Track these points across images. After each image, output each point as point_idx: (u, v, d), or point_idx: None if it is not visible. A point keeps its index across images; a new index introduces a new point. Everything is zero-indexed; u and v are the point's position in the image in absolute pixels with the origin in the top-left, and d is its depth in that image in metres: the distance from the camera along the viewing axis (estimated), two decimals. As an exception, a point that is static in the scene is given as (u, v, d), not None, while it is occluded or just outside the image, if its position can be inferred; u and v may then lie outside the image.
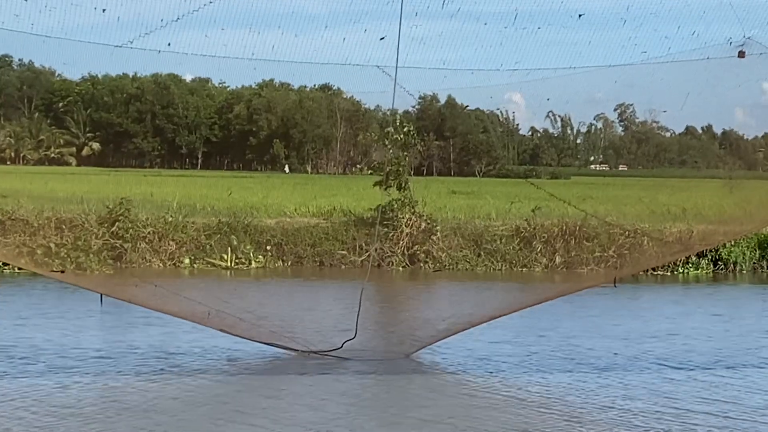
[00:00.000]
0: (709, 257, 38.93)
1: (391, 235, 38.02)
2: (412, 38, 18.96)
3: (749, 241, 39.13)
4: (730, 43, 17.36)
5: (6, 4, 16.24)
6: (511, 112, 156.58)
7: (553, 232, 38.44)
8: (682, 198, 49.05)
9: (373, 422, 15.35)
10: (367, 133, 79.52)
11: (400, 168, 39.81)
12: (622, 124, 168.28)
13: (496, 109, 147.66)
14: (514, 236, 38.82)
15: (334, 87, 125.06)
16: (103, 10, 16.69)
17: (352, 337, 19.39)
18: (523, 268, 38.00)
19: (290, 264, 37.75)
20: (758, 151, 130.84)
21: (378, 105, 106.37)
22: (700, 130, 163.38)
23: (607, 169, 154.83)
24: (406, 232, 38.16)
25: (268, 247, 37.79)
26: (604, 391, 17.51)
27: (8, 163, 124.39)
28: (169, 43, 17.75)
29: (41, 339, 21.76)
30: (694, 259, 38.37)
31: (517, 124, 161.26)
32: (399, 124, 41.91)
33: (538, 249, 38.28)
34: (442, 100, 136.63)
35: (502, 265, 38.13)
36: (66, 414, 15.39)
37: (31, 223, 35.17)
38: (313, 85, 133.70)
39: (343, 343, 19.46)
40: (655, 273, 37.41)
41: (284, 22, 18.24)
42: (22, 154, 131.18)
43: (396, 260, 37.84)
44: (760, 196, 21.53)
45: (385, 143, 40.74)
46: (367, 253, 37.55)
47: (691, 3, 18.14)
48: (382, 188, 39.36)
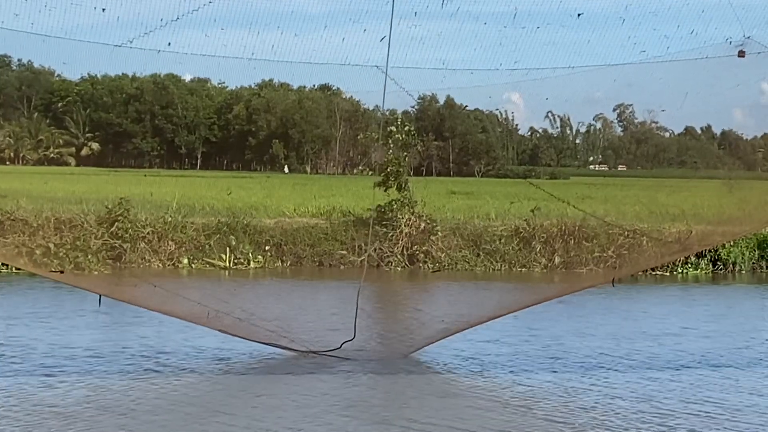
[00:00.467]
0: (709, 257, 38.95)
1: (390, 235, 38.02)
2: (412, 38, 18.97)
3: (748, 242, 39.16)
4: (730, 42, 17.36)
5: (5, 4, 16.23)
6: (510, 112, 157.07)
7: (552, 233, 38.45)
8: (681, 198, 49.15)
9: (355, 422, 15.30)
10: (367, 133, 79.38)
11: (400, 168, 39.85)
12: (621, 124, 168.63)
13: (495, 110, 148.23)
14: (513, 236, 38.84)
15: (334, 87, 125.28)
16: (103, 10, 16.67)
17: (351, 338, 19.39)
18: (523, 269, 38.00)
19: (289, 264, 37.74)
20: (758, 151, 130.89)
21: (376, 105, 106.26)
22: (699, 131, 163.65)
23: (606, 169, 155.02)
24: (406, 233, 38.16)
25: (267, 248, 37.79)
26: (589, 392, 17.52)
27: (7, 163, 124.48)
28: (169, 42, 17.74)
29: (32, 338, 21.74)
30: (693, 259, 38.37)
31: (516, 124, 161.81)
32: (400, 124, 41.94)
33: (538, 249, 38.30)
34: (441, 101, 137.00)
35: (501, 265, 38.14)
36: (49, 413, 15.37)
37: (31, 223, 35.11)
38: (313, 86, 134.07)
39: (342, 343, 19.46)
40: (654, 273, 37.43)
41: (284, 22, 18.21)
42: (21, 154, 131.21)
43: (395, 260, 37.84)
44: (759, 197, 21.52)
45: (388, 143, 40.67)
46: (366, 254, 37.55)
47: (691, 2, 18.13)
48: (382, 189, 39.39)
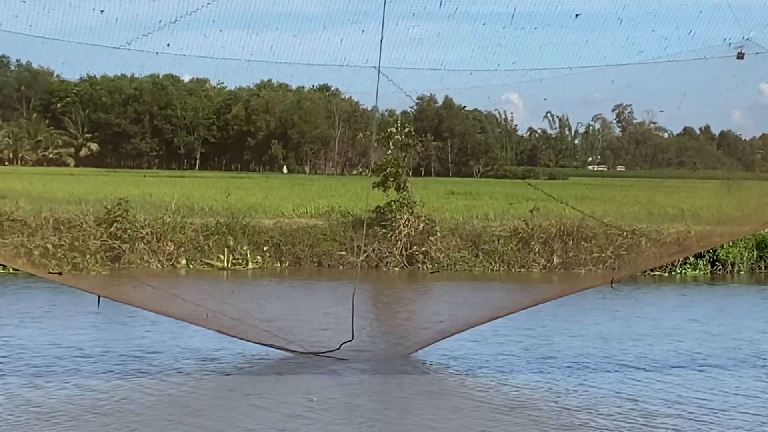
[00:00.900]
0: (707, 258, 38.95)
1: (389, 235, 38.03)
2: (410, 39, 18.97)
3: (747, 242, 39.17)
4: (729, 44, 17.37)
5: (4, 5, 16.25)
6: (509, 113, 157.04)
7: (551, 233, 38.44)
8: (680, 199, 49.21)
9: (339, 421, 15.27)
10: (366, 133, 79.37)
11: (399, 169, 39.87)
12: (619, 124, 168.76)
13: (494, 110, 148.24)
14: (512, 237, 38.83)
15: (333, 88, 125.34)
16: (101, 12, 16.69)
17: (350, 339, 19.38)
18: (521, 269, 38.01)
19: (288, 264, 37.73)
20: (757, 152, 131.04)
21: (374, 106, 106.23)
22: (697, 131, 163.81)
23: (605, 169, 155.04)
24: (405, 233, 38.16)
25: (265, 248, 37.78)
26: (574, 392, 17.55)
27: (6, 163, 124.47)
28: (168, 44, 17.73)
29: (22, 338, 21.72)
30: (692, 260, 38.37)
31: (515, 125, 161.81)
32: (400, 125, 41.93)
33: (536, 249, 38.29)
34: (440, 101, 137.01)
35: (500, 265, 38.13)
36: (33, 412, 15.35)
37: (29, 224, 35.06)
38: (312, 86, 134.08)
39: (341, 344, 19.46)
40: (653, 274, 37.38)
41: (282, 23, 18.23)
42: (20, 155, 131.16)
43: (394, 261, 37.84)
44: (758, 197, 21.53)
45: (388, 144, 40.66)
46: (365, 254, 37.56)
47: (689, 3, 18.13)
48: (381, 189, 39.41)
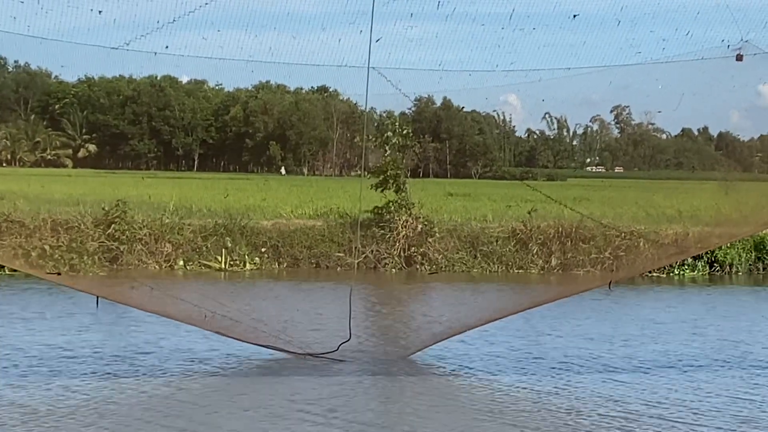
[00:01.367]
0: (705, 259, 38.97)
1: (387, 237, 38.02)
2: (408, 39, 18.96)
3: (745, 243, 39.18)
4: (728, 46, 17.38)
5: (2, 6, 16.26)
6: (507, 114, 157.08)
7: (549, 234, 38.43)
8: (678, 200, 49.11)
9: (319, 421, 15.25)
10: (365, 135, 79.32)
11: (398, 171, 39.87)
12: (618, 126, 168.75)
13: (493, 111, 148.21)
14: (510, 238, 38.82)
15: (331, 89, 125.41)
16: (99, 12, 16.69)
17: (347, 339, 19.37)
18: (520, 270, 37.99)
19: (286, 266, 37.71)
20: (756, 155, 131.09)
21: (372, 107, 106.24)
22: (696, 132, 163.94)
23: (604, 170, 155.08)
24: (403, 234, 38.16)
25: (263, 249, 37.75)
26: (557, 394, 17.54)
27: (4, 164, 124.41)
28: (167, 46, 17.73)
29: (10, 338, 21.68)
30: (690, 261, 38.36)
31: (514, 126, 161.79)
32: (398, 127, 41.92)
33: (535, 251, 38.28)
34: (438, 102, 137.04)
35: (498, 267, 38.13)
36: (14, 413, 15.32)
37: (27, 225, 35.05)
38: (310, 88, 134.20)
39: (339, 345, 19.45)
40: (651, 275, 37.36)
41: (280, 24, 18.25)
42: (18, 156, 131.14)
43: (392, 262, 37.83)
44: (756, 199, 21.50)
45: (384, 146, 40.69)
46: (363, 256, 37.56)
47: (687, 4, 18.16)
48: (379, 190, 39.44)
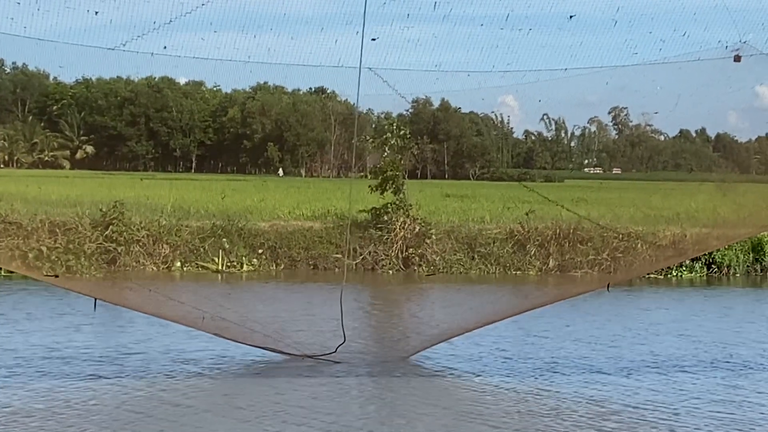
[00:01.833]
0: (703, 260, 39.01)
1: (385, 238, 38.02)
2: (406, 40, 18.95)
3: (743, 245, 39.21)
4: (726, 47, 17.39)
5: (0, 7, 16.22)
6: (505, 116, 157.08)
7: (546, 235, 38.45)
8: (676, 201, 49.09)
9: (292, 421, 15.31)
10: (362, 136, 79.32)
11: (397, 172, 39.87)
12: (615, 127, 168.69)
13: (491, 112, 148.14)
14: (508, 239, 38.84)
15: (329, 90, 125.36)
16: (96, 13, 16.68)
17: (343, 342, 19.35)
18: (517, 272, 38.00)
19: (283, 267, 37.67)
20: (754, 156, 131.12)
21: (370, 109, 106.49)
22: (693, 134, 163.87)
23: (601, 172, 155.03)
24: (401, 236, 38.16)
25: (260, 251, 37.72)
26: (540, 395, 17.61)
27: (2, 166, 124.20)
28: (165, 46, 17.72)
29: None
30: (688, 262, 38.38)
31: (511, 127, 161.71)
32: (396, 128, 41.94)
33: (532, 252, 38.29)
34: (435, 104, 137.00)
35: (496, 268, 38.13)
36: None
37: (25, 226, 35.01)
38: (308, 89, 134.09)
39: (337, 347, 19.44)
40: (649, 276, 37.36)
41: (278, 25, 18.22)
42: (15, 158, 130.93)
43: (390, 264, 37.82)
44: (754, 200, 21.50)
45: (385, 149, 40.73)
46: (361, 257, 37.55)
47: (685, 5, 18.16)
48: (377, 191, 39.46)
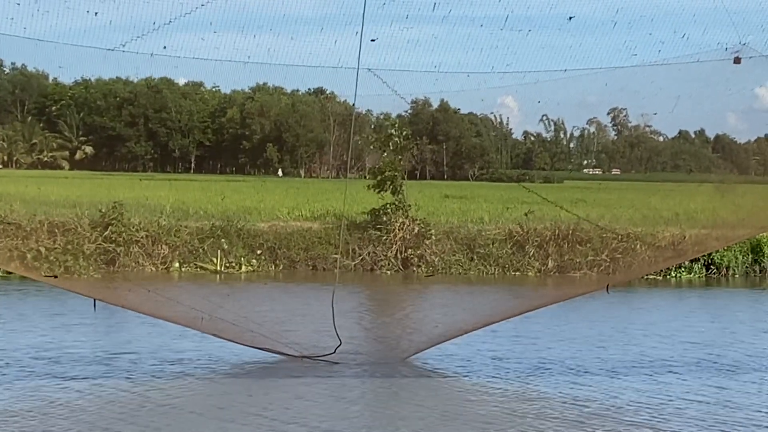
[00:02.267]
0: (702, 262, 39.01)
1: (384, 239, 38.01)
2: (405, 41, 18.94)
3: (742, 246, 39.21)
4: (726, 49, 17.38)
5: (-1, 8, 16.21)
6: (504, 116, 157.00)
7: (545, 236, 38.44)
8: (675, 202, 49.10)
9: (275, 419, 15.34)
10: (363, 135, 79.38)
11: (396, 172, 39.88)
12: (615, 128, 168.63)
13: (490, 113, 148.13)
14: (507, 240, 38.83)
15: (328, 91, 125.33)
16: (95, 14, 16.66)
17: (339, 344, 19.35)
18: (516, 272, 38.00)
19: (282, 268, 37.66)
20: (753, 158, 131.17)
21: (369, 109, 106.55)
22: (692, 135, 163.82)
23: (600, 173, 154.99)
24: (400, 236, 38.15)
25: (259, 251, 37.71)
26: (524, 395, 17.61)
27: (1, 166, 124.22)
28: (164, 46, 17.69)
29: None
30: (687, 263, 38.38)
31: (511, 128, 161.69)
32: (397, 128, 41.93)
33: (531, 253, 38.28)
34: (435, 104, 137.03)
35: (494, 269, 38.12)
36: None
37: (24, 227, 34.99)
38: (307, 89, 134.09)
39: (336, 348, 19.43)
40: (647, 277, 37.33)
41: (277, 26, 18.19)
42: (14, 158, 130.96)
43: (389, 264, 37.82)
44: (753, 201, 21.50)
45: (388, 146, 40.68)
46: (360, 258, 37.55)
47: (685, 7, 18.15)
48: (376, 191, 39.47)
